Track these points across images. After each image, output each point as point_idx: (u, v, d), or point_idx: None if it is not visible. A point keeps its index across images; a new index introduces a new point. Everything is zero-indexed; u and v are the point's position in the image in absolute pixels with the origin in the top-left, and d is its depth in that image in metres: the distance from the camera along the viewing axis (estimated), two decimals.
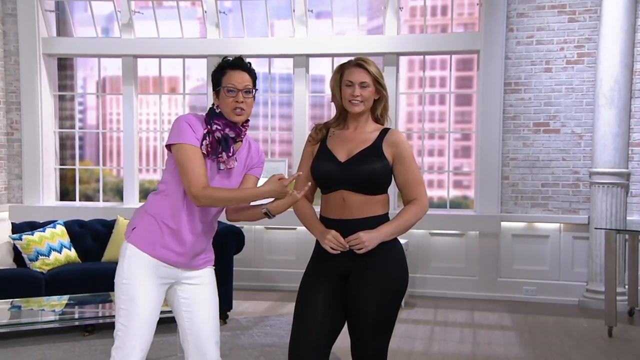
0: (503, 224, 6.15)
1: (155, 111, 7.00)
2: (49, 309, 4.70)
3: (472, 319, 5.49)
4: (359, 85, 2.54)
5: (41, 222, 5.55)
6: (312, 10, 6.53)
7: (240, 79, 2.43)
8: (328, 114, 6.81)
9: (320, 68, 6.84)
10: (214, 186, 2.42)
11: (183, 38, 6.79)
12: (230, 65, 2.45)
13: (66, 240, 5.42)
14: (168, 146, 2.43)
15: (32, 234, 5.24)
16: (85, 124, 7.37)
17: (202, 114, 2.51)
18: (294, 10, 6.49)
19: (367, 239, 2.43)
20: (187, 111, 6.88)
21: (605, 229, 5.16)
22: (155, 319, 2.47)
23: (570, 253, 6.08)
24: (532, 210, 6.15)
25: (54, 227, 5.42)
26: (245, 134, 2.53)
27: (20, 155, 6.86)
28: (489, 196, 6.17)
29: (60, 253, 5.28)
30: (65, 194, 7.20)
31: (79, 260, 5.42)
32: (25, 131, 6.79)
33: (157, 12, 6.74)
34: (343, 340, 2.61)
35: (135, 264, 2.43)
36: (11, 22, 6.79)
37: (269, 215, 2.48)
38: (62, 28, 7.16)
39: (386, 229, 2.48)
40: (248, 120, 2.50)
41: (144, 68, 6.97)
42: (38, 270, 5.12)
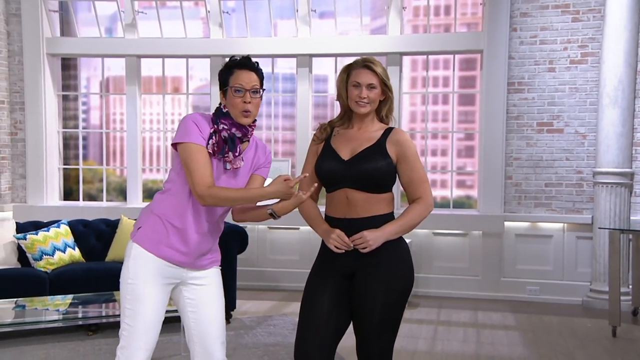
0: (506, 223, 6.15)
1: (159, 111, 7.01)
2: (53, 308, 4.71)
3: (475, 318, 5.49)
4: (366, 86, 2.54)
5: (45, 221, 5.56)
6: (315, 10, 6.53)
7: (247, 78, 2.42)
8: (331, 114, 6.81)
9: (324, 68, 6.83)
10: (219, 186, 2.42)
11: (186, 38, 6.79)
12: (237, 65, 2.44)
13: (70, 240, 5.43)
14: (174, 145, 2.43)
15: (37, 234, 5.25)
16: (89, 123, 7.38)
17: (209, 113, 2.51)
18: (297, 10, 6.50)
19: (371, 238, 2.43)
20: (190, 111, 6.88)
21: (609, 228, 5.15)
22: (160, 319, 2.47)
23: (573, 253, 6.08)
24: (535, 210, 6.14)
25: (58, 226, 5.43)
26: (252, 134, 2.53)
27: (24, 155, 6.87)
28: (493, 196, 6.16)
29: (64, 253, 5.29)
30: (69, 193, 7.21)
31: (83, 259, 5.43)
32: (29, 131, 6.80)
33: (161, 12, 6.75)
34: (346, 340, 2.61)
35: (140, 263, 2.43)
36: (15, 22, 6.80)
37: (274, 215, 2.48)
38: (66, 28, 7.17)
39: (391, 228, 2.48)
40: (255, 121, 2.49)
41: (148, 68, 6.98)
42: (42, 269, 5.13)
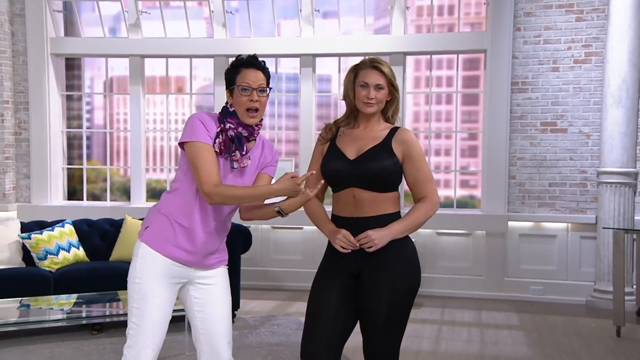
0: (510, 223, 6.15)
1: (163, 111, 7.02)
2: (57, 307, 4.72)
3: (479, 318, 5.48)
4: (374, 87, 2.53)
5: (49, 221, 5.58)
6: (318, 10, 6.53)
7: (254, 77, 2.42)
8: (335, 114, 6.82)
9: (327, 68, 6.84)
10: (226, 184, 2.42)
11: (190, 38, 6.80)
12: (244, 64, 2.44)
13: (74, 239, 5.44)
14: (181, 144, 2.43)
15: (41, 233, 5.26)
16: (93, 123, 7.39)
17: (215, 112, 2.51)
18: (300, 10, 6.50)
19: (377, 237, 2.42)
20: (193, 111, 6.89)
21: (613, 228, 5.15)
22: (167, 318, 2.48)
23: (577, 253, 6.07)
24: (539, 209, 6.14)
25: (63, 226, 5.44)
26: (259, 133, 2.53)
27: (28, 155, 6.89)
28: (496, 196, 6.16)
29: (68, 252, 5.30)
30: (73, 193, 7.22)
31: (87, 259, 5.44)
32: (33, 131, 6.81)
33: (164, 12, 6.76)
34: (351, 340, 2.61)
35: (148, 263, 2.44)
36: (19, 22, 6.82)
37: (281, 213, 2.47)
38: (70, 28, 7.18)
39: (396, 227, 2.47)
40: (262, 120, 2.50)
41: (151, 68, 6.99)
42: (47, 269, 5.14)
